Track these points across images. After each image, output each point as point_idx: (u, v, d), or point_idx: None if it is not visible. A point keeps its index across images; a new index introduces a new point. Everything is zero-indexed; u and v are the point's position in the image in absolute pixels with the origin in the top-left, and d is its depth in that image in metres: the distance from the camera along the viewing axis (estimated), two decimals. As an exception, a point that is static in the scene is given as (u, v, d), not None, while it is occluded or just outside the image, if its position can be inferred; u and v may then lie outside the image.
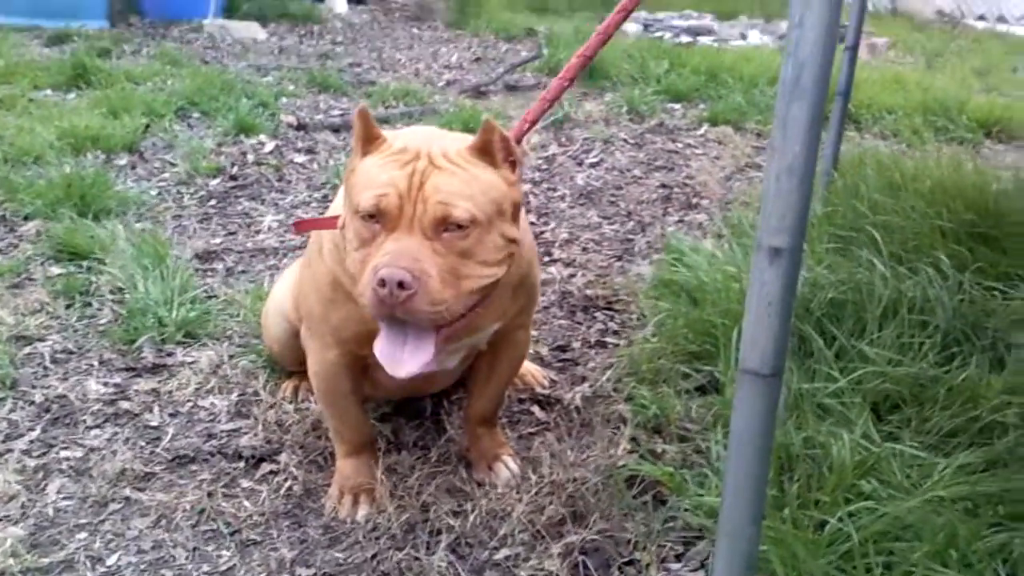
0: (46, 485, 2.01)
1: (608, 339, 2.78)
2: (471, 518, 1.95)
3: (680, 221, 3.84)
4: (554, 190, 4.19)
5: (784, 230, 1.29)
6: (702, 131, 5.21)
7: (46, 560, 1.79)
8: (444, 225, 1.56)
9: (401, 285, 1.49)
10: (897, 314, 2.43)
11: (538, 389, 2.48)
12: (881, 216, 3.02)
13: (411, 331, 1.60)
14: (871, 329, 2.41)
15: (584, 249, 3.48)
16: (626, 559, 1.85)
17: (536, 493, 2.01)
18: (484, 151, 1.65)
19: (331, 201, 3.49)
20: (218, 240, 3.31)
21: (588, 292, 3.08)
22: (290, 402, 2.33)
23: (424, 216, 1.54)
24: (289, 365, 2.36)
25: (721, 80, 5.91)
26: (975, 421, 2.11)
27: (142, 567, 1.80)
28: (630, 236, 3.69)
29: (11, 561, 1.76)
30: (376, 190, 1.55)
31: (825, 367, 2.28)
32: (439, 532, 1.93)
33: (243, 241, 3.32)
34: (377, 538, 1.90)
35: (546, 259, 3.34)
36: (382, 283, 1.49)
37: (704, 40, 8.07)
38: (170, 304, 2.64)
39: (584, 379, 2.54)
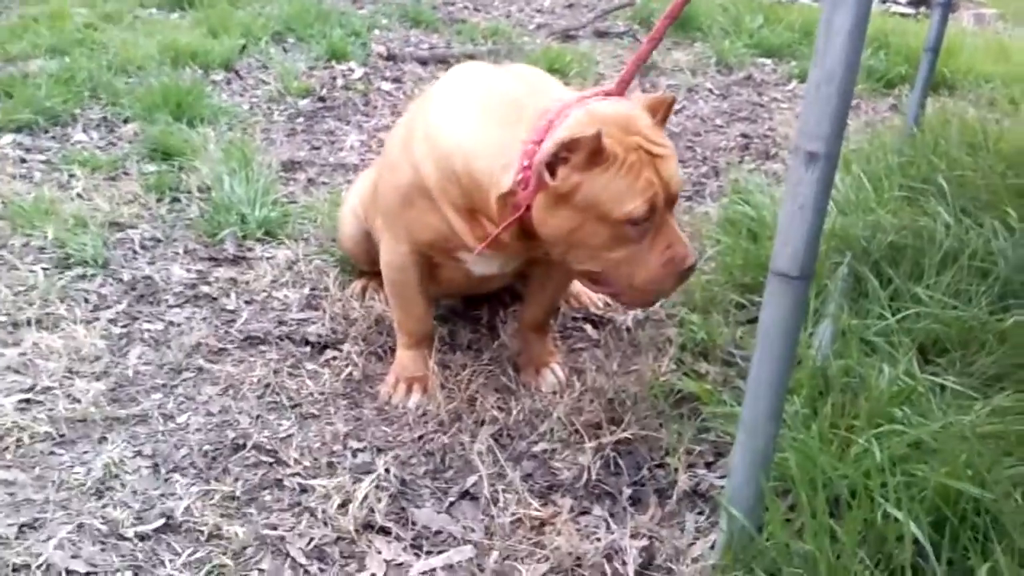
0: (128, 351, 2.18)
1: (667, 270, 2.83)
2: (514, 413, 2.06)
3: (755, 169, 3.85)
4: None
5: (821, 136, 1.35)
6: (791, 87, 5.17)
7: (123, 412, 1.95)
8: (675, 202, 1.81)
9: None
10: (956, 262, 2.44)
11: (592, 309, 2.56)
12: (956, 172, 3.00)
13: None
14: (928, 275, 2.43)
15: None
16: (657, 462, 1.93)
17: (578, 396, 2.11)
18: (663, 122, 1.82)
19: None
20: (303, 153, 3.45)
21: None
22: (357, 299, 2.46)
23: (672, 201, 1.77)
24: (360, 263, 2.49)
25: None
26: (1021, 368, 2.13)
27: (208, 427, 1.95)
28: (703, 180, 3.72)
29: (93, 409, 1.93)
30: (642, 195, 1.69)
31: (877, 307, 2.32)
32: (483, 423, 2.04)
33: (326, 156, 3.46)
34: (426, 422, 2.03)
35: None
36: (691, 268, 1.77)
37: (805, -1, 7.91)
38: (253, 204, 2.79)
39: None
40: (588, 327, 2.51)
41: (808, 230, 1.40)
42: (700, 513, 1.77)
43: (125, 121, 3.53)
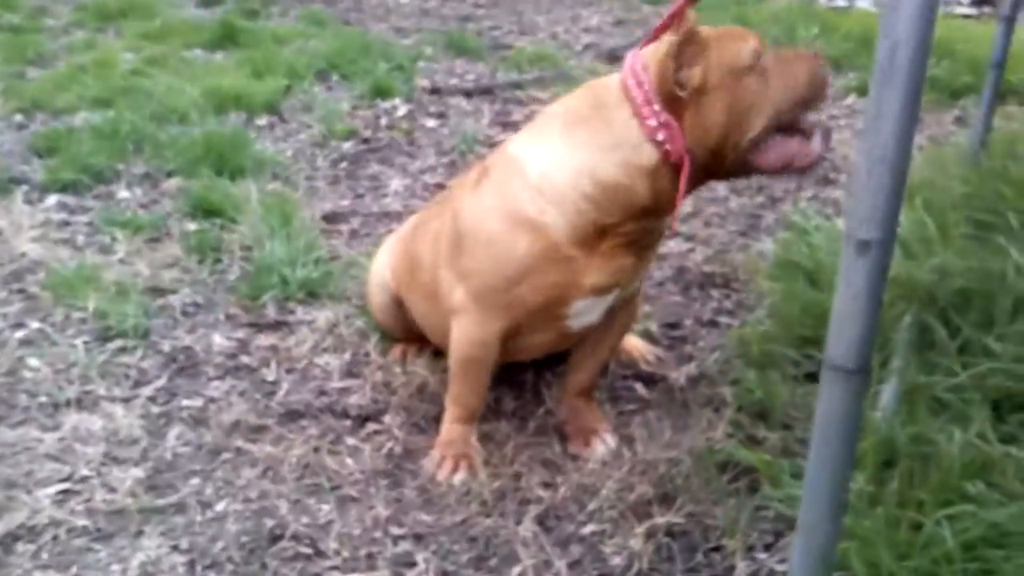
0: (167, 431, 2.14)
1: (721, 318, 2.73)
2: (561, 491, 1.98)
3: (814, 197, 3.71)
4: (683, 160, 4.10)
5: (874, 223, 1.24)
6: (848, 101, 5.00)
7: (161, 502, 1.91)
8: None
9: None
10: (1030, 308, 2.30)
11: (642, 366, 2.47)
12: (1026, 203, 2.84)
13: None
14: (1000, 322, 2.29)
15: (707, 224, 3.42)
16: (712, 545, 1.83)
17: (628, 471, 2.02)
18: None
19: (457, 168, 3.57)
20: (346, 202, 3.41)
21: (705, 268, 3.03)
22: (399, 366, 2.40)
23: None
24: (394, 333, 2.43)
25: (875, 47, 5.62)
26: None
27: (246, 515, 1.90)
28: (758, 212, 3.59)
29: (129, 501, 1.89)
30: (745, 34, 1.77)
31: (946, 360, 2.19)
32: (528, 502, 1.96)
33: (369, 204, 3.41)
34: (468, 503, 1.95)
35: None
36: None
37: (863, 3, 7.70)
38: (294, 264, 2.75)
39: (691, 358, 2.52)
40: (638, 385, 2.41)
41: (864, 321, 1.29)
42: (759, 606, 1.67)
43: (168, 175, 3.53)
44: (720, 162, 1.76)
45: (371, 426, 2.19)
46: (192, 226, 3.11)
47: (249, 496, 1.95)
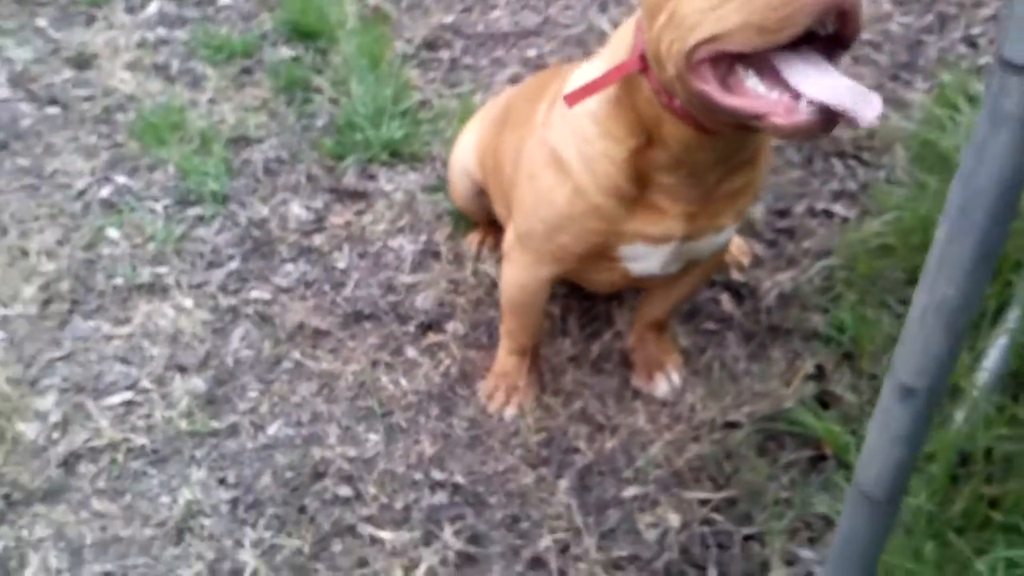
0: (232, 331, 2.16)
1: (838, 208, 2.45)
2: (609, 443, 1.92)
3: (994, 17, 3.18)
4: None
5: (921, 371, 1.04)
6: None
7: (216, 424, 1.97)
8: None
9: None
10: None
11: (734, 272, 2.27)
12: None
13: (829, 70, 1.22)
14: None
15: (855, 59, 3.00)
16: (751, 531, 1.76)
17: (684, 429, 1.92)
18: None
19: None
20: (451, 18, 3.15)
21: (836, 130, 2.68)
22: (472, 258, 2.30)
23: None
24: (476, 219, 2.31)
25: None
26: None
27: (296, 442, 1.94)
28: (923, 36, 3.12)
29: (183, 423, 1.95)
30: None
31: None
32: (576, 451, 1.92)
33: (475, 21, 3.14)
34: (514, 448, 1.92)
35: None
36: None
37: None
38: (380, 120, 2.60)
39: (792, 263, 2.30)
40: (725, 297, 2.24)
41: (899, 460, 1.12)
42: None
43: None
44: (669, 80, 1.33)
45: (432, 336, 2.15)
46: (287, 51, 2.95)
47: (302, 419, 1.98)
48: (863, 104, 1.16)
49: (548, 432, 1.94)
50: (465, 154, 2.18)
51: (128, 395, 2.02)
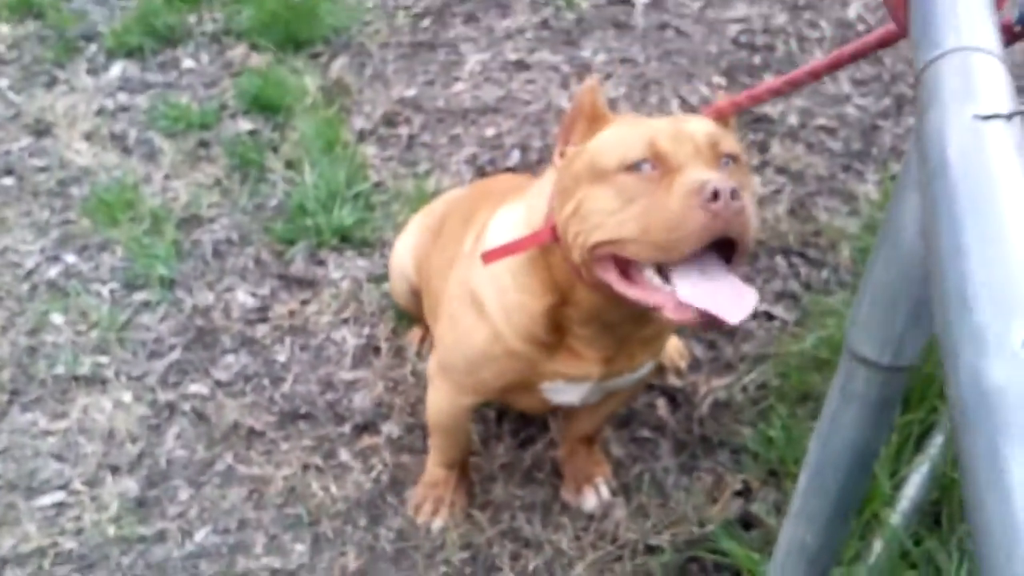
0: (168, 428, 2.18)
1: (779, 309, 2.48)
2: (532, 563, 1.94)
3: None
4: (813, 25, 3.58)
5: None
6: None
7: (144, 530, 1.98)
8: (721, 157, 1.34)
9: (734, 194, 1.23)
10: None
11: (671, 377, 2.30)
12: None
13: (716, 275, 1.29)
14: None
15: (810, 146, 3.03)
16: (667, 666, 1.78)
17: (606, 552, 1.95)
18: (718, 115, 1.41)
19: (549, 30, 3.19)
20: (412, 91, 3.17)
21: (784, 225, 2.72)
22: (415, 352, 2.33)
23: (701, 150, 1.32)
24: (416, 316, 2.32)
25: None
26: None
27: (223, 550, 1.96)
28: (879, 121, 3.15)
29: (112, 529, 1.97)
30: (641, 138, 1.32)
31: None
32: (499, 569, 1.93)
33: (436, 95, 3.16)
34: (438, 563, 1.94)
35: (756, 160, 2.95)
36: (715, 195, 1.22)
37: None
38: (332, 203, 2.62)
39: (728, 367, 2.33)
40: (661, 403, 2.27)
41: None
42: None
43: (238, 36, 3.34)
44: (574, 260, 1.40)
45: (367, 439, 2.17)
46: (245, 125, 2.97)
47: (230, 526, 2.00)
48: (732, 306, 1.23)
49: (473, 548, 1.96)
50: (403, 256, 2.21)
51: (60, 496, 2.03)
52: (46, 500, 2.03)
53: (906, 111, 3.18)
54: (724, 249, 1.27)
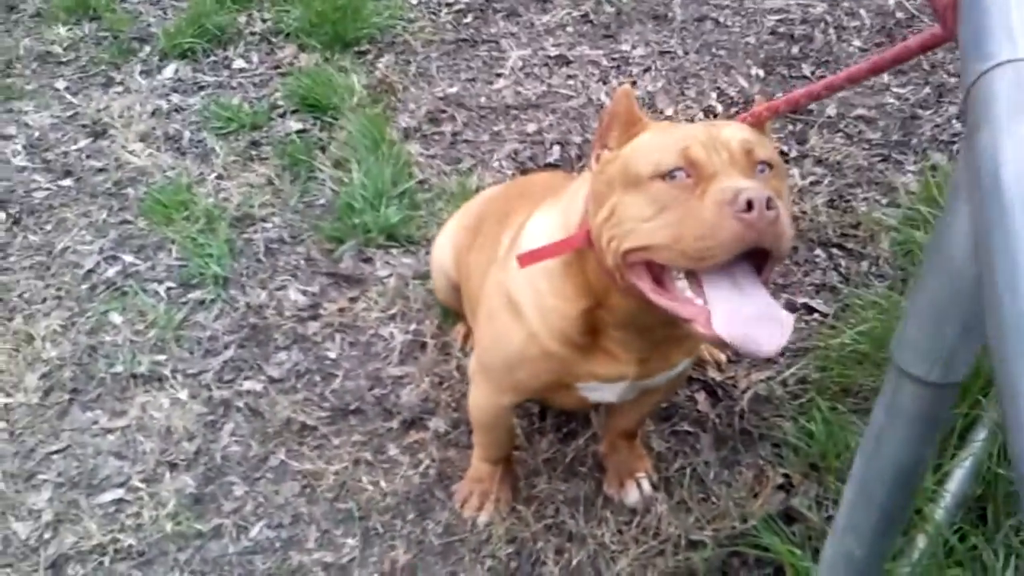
0: (223, 425, 2.25)
1: (818, 302, 2.49)
2: (577, 558, 1.98)
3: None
4: (852, 14, 3.56)
5: None
6: None
7: (200, 526, 2.05)
8: (757, 164, 1.35)
9: (769, 204, 1.23)
10: None
11: (711, 371, 2.33)
12: None
13: (746, 287, 1.30)
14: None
15: (848, 137, 3.02)
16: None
17: (649, 546, 1.98)
18: (755, 120, 1.44)
19: (589, 24, 3.21)
20: (455, 89, 3.21)
21: (823, 216, 2.72)
22: (459, 348, 2.38)
23: (735, 158, 1.33)
24: (459, 312, 2.37)
25: None
26: None
27: (276, 545, 2.03)
28: (919, 110, 3.14)
29: (170, 525, 2.04)
30: (675, 145, 1.34)
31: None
32: (543, 563, 1.98)
33: (478, 92, 3.20)
34: (483, 559, 1.99)
35: (795, 152, 2.95)
36: (749, 205, 1.22)
37: None
38: (379, 202, 2.68)
39: (769, 362, 2.34)
40: (701, 397, 2.30)
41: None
42: None
43: (286, 36, 3.41)
44: (607, 265, 1.41)
45: (414, 434, 2.22)
46: (294, 124, 3.04)
47: (283, 520, 2.07)
48: (764, 335, 1.22)
49: (518, 543, 2.01)
50: (443, 254, 2.25)
51: (119, 492, 2.11)
52: (106, 497, 2.11)
53: (946, 100, 3.16)
54: (756, 256, 1.28)
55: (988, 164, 0.62)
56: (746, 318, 1.23)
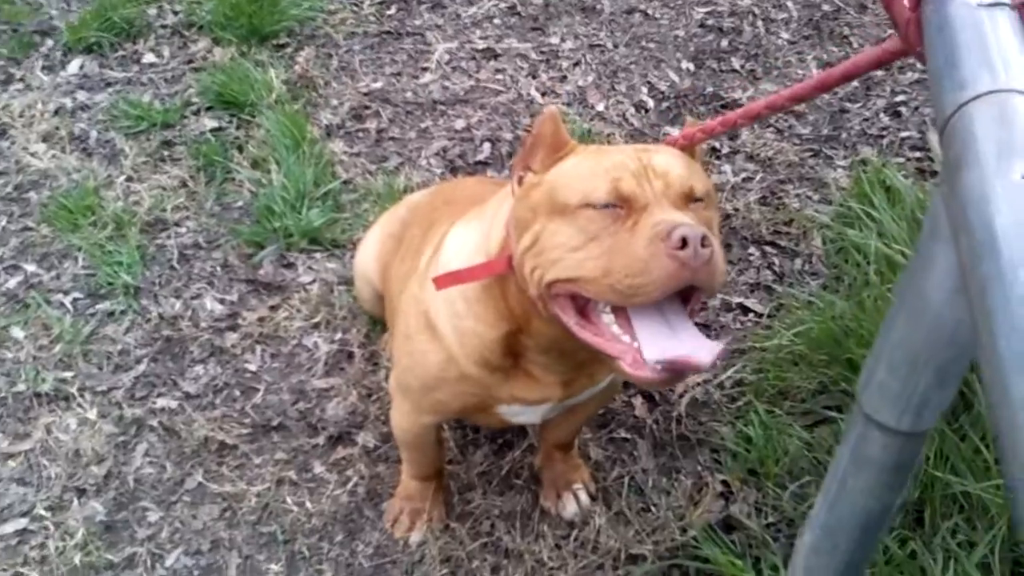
0: (136, 445, 2.12)
1: (753, 301, 2.45)
2: (513, 573, 1.90)
3: (918, 82, 3.17)
4: (779, 6, 3.53)
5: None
6: None
7: (112, 556, 1.92)
8: (690, 197, 1.29)
9: (704, 241, 1.17)
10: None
11: (650, 377, 2.26)
12: None
13: (673, 319, 1.25)
14: None
15: (779, 132, 2.99)
16: None
17: (593, 555, 1.91)
18: (688, 142, 1.38)
19: (516, 17, 3.09)
20: (379, 84, 3.10)
21: (755, 214, 2.67)
22: (389, 360, 2.28)
23: (668, 188, 1.26)
24: (385, 321, 2.27)
25: None
26: None
27: (195, 573, 1.91)
28: (847, 104, 3.12)
29: (77, 558, 1.91)
30: (606, 175, 1.26)
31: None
32: (478, 584, 1.90)
33: (404, 87, 3.09)
34: (416, 580, 1.91)
35: (726, 148, 2.91)
36: (683, 243, 1.16)
37: None
38: (300, 204, 2.56)
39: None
40: (638, 402, 2.23)
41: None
42: None
43: (200, 29, 3.25)
44: (531, 296, 1.33)
45: (341, 450, 2.12)
46: (209, 122, 2.89)
47: (201, 548, 1.95)
48: (701, 350, 1.18)
49: (453, 562, 1.93)
50: (367, 262, 2.16)
51: (23, 523, 1.97)
52: (8, 528, 1.96)
53: (874, 93, 3.15)
54: (684, 290, 1.21)
55: (978, 214, 0.56)
56: (680, 341, 1.18)
